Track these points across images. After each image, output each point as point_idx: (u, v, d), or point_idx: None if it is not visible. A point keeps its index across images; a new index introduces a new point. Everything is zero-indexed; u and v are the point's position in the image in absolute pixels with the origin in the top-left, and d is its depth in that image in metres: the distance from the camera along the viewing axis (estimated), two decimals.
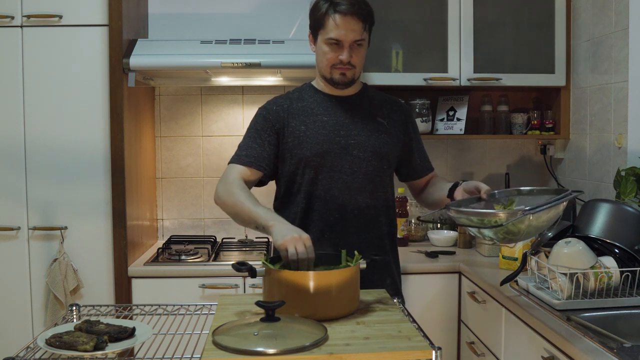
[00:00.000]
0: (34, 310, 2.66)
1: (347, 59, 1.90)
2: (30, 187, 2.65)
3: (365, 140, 1.98)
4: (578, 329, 1.71)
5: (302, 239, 1.59)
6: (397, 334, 1.38)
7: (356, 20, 1.87)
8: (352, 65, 1.92)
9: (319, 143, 1.96)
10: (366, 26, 1.90)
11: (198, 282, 2.65)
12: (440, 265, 2.73)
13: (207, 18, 3.20)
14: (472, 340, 2.53)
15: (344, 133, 1.98)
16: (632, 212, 2.10)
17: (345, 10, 1.86)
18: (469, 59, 2.93)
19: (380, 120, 2.03)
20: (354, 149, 1.97)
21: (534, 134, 3.09)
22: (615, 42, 2.56)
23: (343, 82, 1.96)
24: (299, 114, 1.99)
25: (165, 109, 3.25)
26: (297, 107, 2.01)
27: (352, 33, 1.87)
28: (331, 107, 2.01)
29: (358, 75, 1.98)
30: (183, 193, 3.26)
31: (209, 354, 1.26)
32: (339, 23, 1.87)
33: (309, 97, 2.03)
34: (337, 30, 1.87)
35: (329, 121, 1.98)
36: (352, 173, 1.97)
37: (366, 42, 1.94)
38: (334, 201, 1.97)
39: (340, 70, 1.93)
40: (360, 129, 1.99)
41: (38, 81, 2.64)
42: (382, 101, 2.09)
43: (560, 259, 1.94)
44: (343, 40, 1.88)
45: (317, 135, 1.96)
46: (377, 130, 2.01)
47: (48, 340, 1.39)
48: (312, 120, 1.98)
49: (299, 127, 1.97)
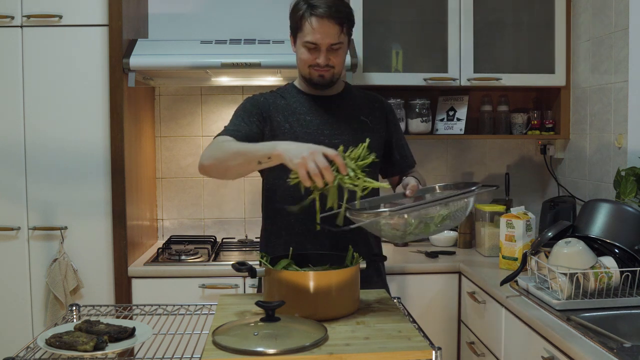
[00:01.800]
0: (34, 310, 2.66)
1: (324, 62, 1.90)
2: (30, 187, 2.65)
3: (349, 139, 1.95)
4: (578, 329, 1.71)
5: (318, 151, 1.49)
6: (397, 334, 1.38)
7: (332, 23, 1.85)
8: (331, 67, 1.92)
9: (301, 141, 1.92)
10: (344, 29, 1.89)
11: (198, 282, 2.65)
12: (440, 265, 2.73)
13: (207, 18, 3.20)
14: (472, 340, 2.53)
15: (328, 132, 1.97)
16: (632, 212, 2.10)
17: (321, 13, 1.84)
18: (469, 59, 2.93)
19: (364, 119, 2.03)
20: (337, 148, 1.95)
21: (534, 134, 3.09)
22: (615, 42, 2.56)
23: (322, 84, 1.96)
24: (283, 111, 1.98)
25: (165, 109, 3.25)
26: (281, 104, 2.00)
27: (328, 37, 1.86)
28: (314, 107, 2.00)
29: (338, 75, 1.98)
30: (183, 193, 3.26)
31: (209, 354, 1.26)
32: (315, 27, 1.86)
33: (292, 96, 2.03)
34: (314, 34, 1.87)
35: (313, 120, 1.98)
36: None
37: (345, 44, 1.93)
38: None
39: (318, 72, 1.92)
40: (343, 128, 1.98)
41: (38, 81, 2.64)
42: (364, 99, 2.09)
43: (560, 259, 1.94)
44: (320, 44, 1.88)
45: (301, 134, 1.94)
46: (360, 129, 2.00)
47: (48, 340, 1.39)
48: (296, 119, 1.97)
49: (283, 124, 1.96)
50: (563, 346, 1.68)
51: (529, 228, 2.51)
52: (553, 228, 2.16)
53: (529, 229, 2.52)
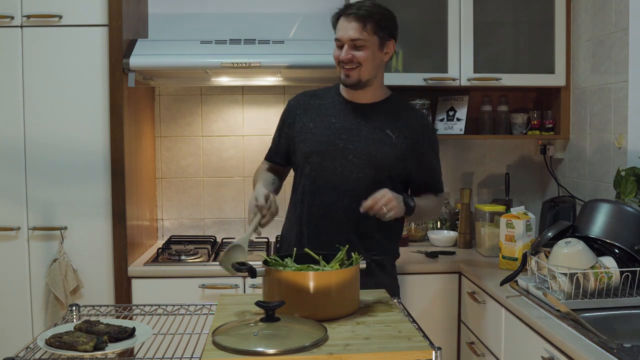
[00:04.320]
0: (34, 310, 2.66)
1: (345, 56, 1.98)
2: (30, 187, 2.65)
3: (363, 147, 2.03)
4: (578, 329, 1.71)
5: (251, 205, 1.87)
6: (397, 334, 1.38)
7: (353, 20, 1.97)
8: (357, 64, 1.99)
9: (319, 142, 2.06)
10: (367, 27, 1.96)
11: (198, 282, 2.65)
12: (440, 265, 2.73)
13: (207, 18, 3.20)
14: (472, 340, 2.53)
15: (346, 137, 2.05)
16: (632, 212, 2.10)
17: (345, 12, 1.99)
18: (469, 59, 2.93)
19: (389, 133, 2.06)
20: (349, 154, 2.04)
21: (534, 134, 3.09)
22: (615, 42, 2.56)
23: (348, 84, 2.04)
24: (312, 111, 2.12)
25: (165, 109, 3.25)
26: (314, 104, 2.14)
27: (349, 32, 1.97)
28: (344, 110, 2.09)
29: (367, 76, 2.02)
30: (183, 193, 3.26)
31: (209, 354, 1.25)
32: (340, 24, 2.00)
33: (330, 97, 2.15)
34: (339, 32, 2.01)
35: (336, 123, 2.08)
36: (342, 176, 2.04)
37: (371, 43, 1.99)
38: (321, 198, 2.06)
39: (344, 70, 2.02)
40: (363, 136, 2.05)
41: (38, 81, 2.64)
42: (401, 114, 2.12)
43: (560, 259, 1.94)
44: (342, 39, 2.00)
45: (321, 134, 2.07)
46: (380, 141, 2.05)
47: (48, 341, 1.39)
48: (321, 120, 2.09)
49: (308, 123, 2.10)
50: (563, 346, 1.68)
51: (529, 228, 2.51)
52: (553, 228, 2.16)
53: (529, 229, 2.52)
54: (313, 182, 2.08)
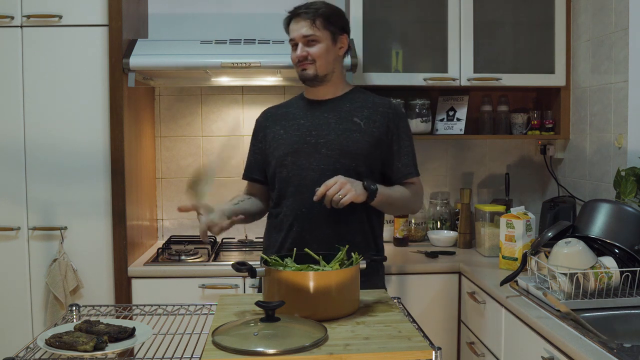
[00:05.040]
0: (34, 310, 2.66)
1: (301, 53, 2.06)
2: (30, 187, 2.65)
3: (334, 139, 2.07)
4: (578, 329, 1.71)
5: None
6: (397, 334, 1.38)
7: (302, 18, 2.05)
8: (312, 60, 2.06)
9: (291, 143, 2.10)
10: (317, 22, 2.04)
11: (198, 282, 2.65)
12: (440, 265, 2.73)
13: (207, 18, 3.20)
14: (472, 340, 2.53)
15: (316, 133, 2.09)
16: (632, 212, 2.10)
17: (294, 14, 2.08)
18: (469, 59, 2.93)
19: (357, 121, 2.09)
20: (322, 148, 2.06)
21: (534, 134, 3.09)
22: (615, 42, 2.56)
23: (306, 79, 2.10)
24: (281, 120, 2.17)
25: (165, 109, 3.24)
26: (282, 113, 2.19)
27: (300, 30, 2.06)
28: (310, 110, 2.14)
29: (323, 70, 2.08)
30: (183, 193, 3.26)
31: (209, 354, 1.25)
32: (292, 27, 2.09)
33: (296, 103, 2.21)
34: (291, 33, 2.09)
35: (305, 123, 2.12)
36: (320, 170, 2.05)
37: (323, 39, 2.06)
38: (302, 197, 2.06)
39: (300, 66, 2.09)
40: (331, 129, 2.08)
41: (38, 81, 2.64)
42: (367, 103, 2.14)
43: (560, 259, 1.94)
44: (295, 38, 2.07)
45: (292, 136, 2.11)
46: (349, 130, 2.07)
47: (48, 341, 1.39)
48: (290, 124, 2.13)
49: (278, 131, 2.14)
50: (563, 346, 1.68)
51: (529, 228, 2.51)
52: (553, 228, 2.16)
53: (529, 229, 2.52)
54: (291, 182, 2.08)
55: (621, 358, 1.49)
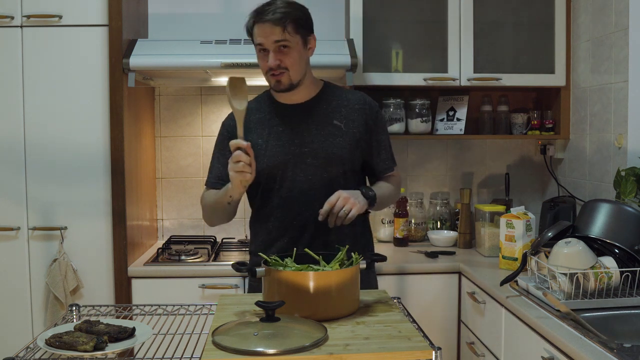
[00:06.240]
0: (34, 310, 2.66)
1: (273, 63, 1.91)
2: (30, 187, 2.65)
3: (318, 146, 1.97)
4: (578, 329, 1.71)
5: (232, 161, 1.76)
6: (397, 334, 1.38)
7: (273, 25, 1.87)
8: (284, 69, 1.91)
9: (275, 155, 1.97)
10: (288, 28, 1.88)
11: (198, 282, 2.65)
12: (440, 265, 2.73)
13: (207, 18, 3.20)
14: (472, 340, 2.53)
15: (298, 142, 1.98)
16: (632, 212, 2.10)
17: (261, 18, 1.89)
18: (469, 59, 2.93)
19: (337, 124, 2.00)
20: (307, 157, 1.97)
21: (534, 134, 3.09)
22: (615, 42, 2.56)
23: (281, 89, 1.96)
24: (257, 127, 2.01)
25: (165, 109, 3.25)
26: (255, 119, 2.02)
27: (270, 36, 1.89)
28: (287, 115, 2.01)
29: (297, 77, 1.95)
30: (183, 193, 3.26)
31: (209, 354, 1.25)
32: (259, 32, 1.91)
33: (267, 106, 2.05)
34: (259, 38, 1.91)
35: (285, 131, 1.99)
36: (308, 181, 1.97)
37: (296, 44, 1.91)
38: (292, 209, 1.98)
39: (274, 77, 1.94)
40: (313, 136, 1.98)
41: (38, 81, 2.64)
42: (341, 101, 2.05)
43: (560, 259, 1.94)
44: (266, 45, 1.91)
45: (274, 147, 1.98)
46: (331, 135, 1.98)
47: (48, 341, 1.39)
48: (268, 132, 2.00)
49: (257, 140, 1.98)
50: (563, 346, 1.68)
51: (529, 228, 2.51)
52: (553, 228, 2.16)
53: (529, 229, 2.52)
54: (278, 194, 1.99)
55: (621, 358, 1.49)
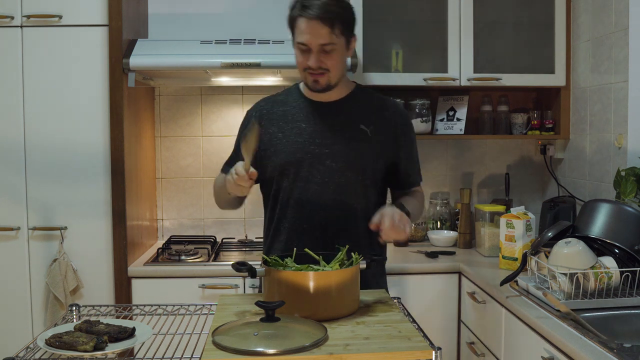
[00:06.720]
0: (34, 310, 2.66)
1: (315, 64, 1.82)
2: (30, 187, 2.65)
3: (339, 150, 1.89)
4: (578, 329, 1.71)
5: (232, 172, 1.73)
6: (397, 334, 1.38)
7: (322, 24, 1.78)
8: (325, 70, 1.84)
9: (292, 151, 1.91)
10: (336, 29, 1.79)
11: (198, 282, 2.65)
12: (440, 265, 2.73)
13: (207, 18, 3.20)
14: (472, 340, 2.53)
15: (319, 142, 1.90)
16: (632, 212, 2.10)
17: (310, 15, 1.78)
18: (469, 59, 2.93)
19: (363, 128, 1.92)
20: (326, 159, 1.89)
21: (534, 134, 3.09)
22: (615, 42, 2.56)
23: (317, 89, 1.89)
24: (278, 120, 1.96)
25: (165, 109, 3.24)
26: (278, 111, 1.98)
27: (318, 38, 1.79)
28: (312, 113, 1.94)
29: (336, 79, 1.88)
30: (183, 193, 3.26)
31: (209, 354, 1.26)
32: (304, 28, 1.80)
33: (293, 100, 1.99)
34: (303, 35, 1.81)
35: (307, 128, 1.92)
36: (323, 183, 1.89)
37: (340, 46, 1.83)
38: (304, 210, 1.91)
39: (312, 76, 1.86)
40: (337, 138, 1.91)
41: (38, 81, 2.64)
42: (372, 105, 1.98)
43: (560, 259, 1.94)
44: (310, 45, 1.81)
45: (293, 143, 1.91)
46: (355, 139, 1.91)
47: (48, 341, 1.39)
48: (290, 127, 1.93)
49: (277, 133, 1.93)
50: (563, 346, 1.68)
51: (529, 228, 2.51)
52: (553, 228, 2.16)
53: (529, 229, 2.52)
54: (291, 194, 1.92)
55: (621, 358, 1.49)
